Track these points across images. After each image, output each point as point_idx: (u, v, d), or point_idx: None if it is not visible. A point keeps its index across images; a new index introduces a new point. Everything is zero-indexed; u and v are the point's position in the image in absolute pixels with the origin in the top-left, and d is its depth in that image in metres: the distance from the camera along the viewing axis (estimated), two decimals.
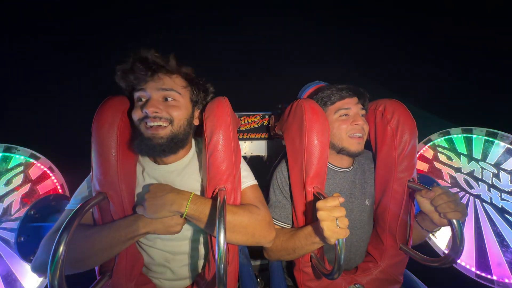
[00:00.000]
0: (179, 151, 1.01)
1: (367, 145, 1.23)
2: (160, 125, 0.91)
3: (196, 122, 1.05)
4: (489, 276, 1.44)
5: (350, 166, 1.22)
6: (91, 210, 0.93)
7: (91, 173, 0.93)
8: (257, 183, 1.08)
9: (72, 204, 0.97)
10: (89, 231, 0.87)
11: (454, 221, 0.90)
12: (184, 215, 0.86)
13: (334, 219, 0.81)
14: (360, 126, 1.11)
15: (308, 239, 0.96)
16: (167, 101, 0.93)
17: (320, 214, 0.83)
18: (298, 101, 1.09)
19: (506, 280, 1.40)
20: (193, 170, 1.05)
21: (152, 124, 0.90)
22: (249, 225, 0.92)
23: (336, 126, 1.13)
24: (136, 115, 0.92)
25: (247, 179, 1.05)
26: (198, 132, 1.09)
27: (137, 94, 0.93)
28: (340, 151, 1.15)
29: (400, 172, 1.10)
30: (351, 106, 1.13)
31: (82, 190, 1.00)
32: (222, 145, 0.93)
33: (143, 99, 0.93)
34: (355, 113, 1.13)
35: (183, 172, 1.03)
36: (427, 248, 1.65)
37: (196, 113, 1.05)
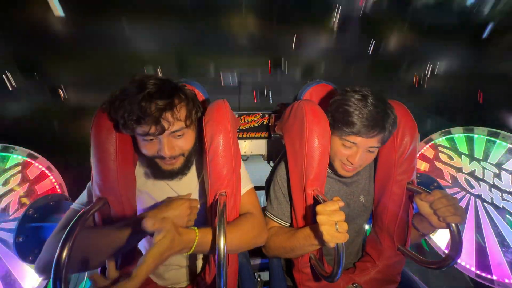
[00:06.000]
0: (191, 167, 1.03)
1: None
2: (175, 159, 0.94)
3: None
4: (489, 276, 1.44)
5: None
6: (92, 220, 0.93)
7: (91, 180, 0.94)
8: (253, 186, 1.10)
9: (77, 204, 0.97)
10: (93, 233, 0.87)
11: (453, 224, 0.91)
12: (190, 252, 0.83)
13: (333, 224, 0.81)
14: (355, 165, 1.02)
15: (307, 241, 0.96)
16: (178, 137, 0.92)
17: (320, 218, 0.83)
18: (298, 102, 1.07)
19: (506, 280, 1.40)
20: (192, 175, 1.06)
21: (168, 161, 0.93)
22: (247, 236, 0.95)
23: (334, 147, 1.05)
24: (149, 152, 0.91)
25: (244, 183, 1.06)
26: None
27: (143, 137, 0.89)
28: (331, 167, 1.12)
29: (400, 175, 1.10)
30: (359, 143, 0.99)
31: (85, 195, 0.99)
32: (222, 150, 0.93)
33: (152, 138, 0.89)
34: (358, 151, 1.00)
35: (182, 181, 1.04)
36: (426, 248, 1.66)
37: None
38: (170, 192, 1.04)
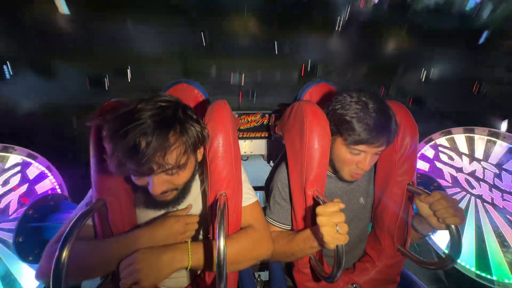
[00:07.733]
0: (186, 196, 0.95)
1: None
2: (166, 193, 0.86)
3: (199, 158, 0.94)
4: (489, 276, 1.44)
5: None
6: (92, 221, 0.93)
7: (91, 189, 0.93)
8: (257, 199, 1.07)
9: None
10: (88, 247, 0.85)
11: (452, 226, 0.91)
12: (189, 268, 0.83)
13: (334, 225, 0.80)
14: (364, 170, 1.02)
15: (307, 243, 0.96)
16: (170, 174, 0.82)
17: (320, 220, 0.82)
18: (299, 103, 1.07)
19: (506, 281, 1.40)
20: (191, 198, 1.03)
21: (159, 196, 0.85)
22: (252, 253, 0.94)
23: (341, 155, 1.03)
24: (139, 183, 0.83)
25: (247, 196, 1.03)
26: None
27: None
28: (336, 174, 1.12)
29: (400, 176, 1.09)
30: (368, 151, 0.98)
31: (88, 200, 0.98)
32: (222, 151, 0.92)
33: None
34: (367, 157, 1.00)
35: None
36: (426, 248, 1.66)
37: (200, 152, 0.92)
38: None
